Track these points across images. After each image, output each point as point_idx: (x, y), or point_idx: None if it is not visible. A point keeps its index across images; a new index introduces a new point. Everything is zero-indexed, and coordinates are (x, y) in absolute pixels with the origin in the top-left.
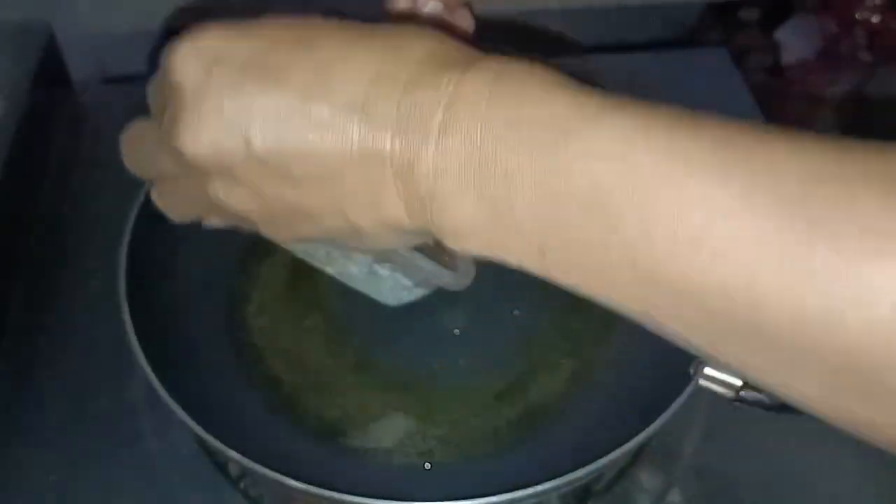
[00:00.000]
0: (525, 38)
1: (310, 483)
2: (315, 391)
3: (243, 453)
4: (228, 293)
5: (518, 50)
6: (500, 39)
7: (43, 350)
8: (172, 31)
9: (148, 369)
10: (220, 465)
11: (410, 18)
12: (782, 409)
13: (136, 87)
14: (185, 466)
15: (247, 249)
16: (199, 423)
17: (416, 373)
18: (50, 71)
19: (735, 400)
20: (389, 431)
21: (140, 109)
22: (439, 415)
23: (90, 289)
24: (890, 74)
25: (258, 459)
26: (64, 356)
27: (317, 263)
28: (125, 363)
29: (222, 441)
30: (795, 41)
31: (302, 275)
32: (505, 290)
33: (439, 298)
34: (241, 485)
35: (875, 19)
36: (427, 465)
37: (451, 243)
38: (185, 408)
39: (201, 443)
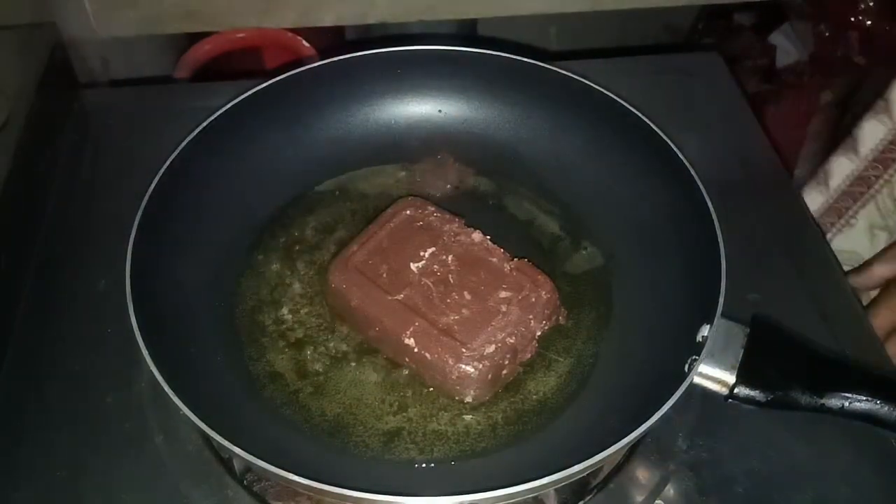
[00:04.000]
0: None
1: (311, 478)
2: (315, 387)
3: (247, 449)
4: (231, 292)
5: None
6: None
7: (50, 349)
8: None
9: (154, 368)
10: (225, 461)
11: None
12: (773, 406)
13: (141, 90)
14: (190, 463)
15: (249, 249)
16: (204, 420)
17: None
18: (57, 73)
19: (728, 397)
20: (389, 427)
21: (144, 112)
22: (438, 411)
23: (97, 288)
24: (883, 78)
25: (261, 455)
26: (71, 355)
27: None
28: (131, 362)
29: (227, 438)
30: (789, 45)
31: (301, 273)
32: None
33: None
34: (245, 481)
35: (868, 23)
36: (426, 461)
37: None
38: (190, 406)
39: (206, 439)
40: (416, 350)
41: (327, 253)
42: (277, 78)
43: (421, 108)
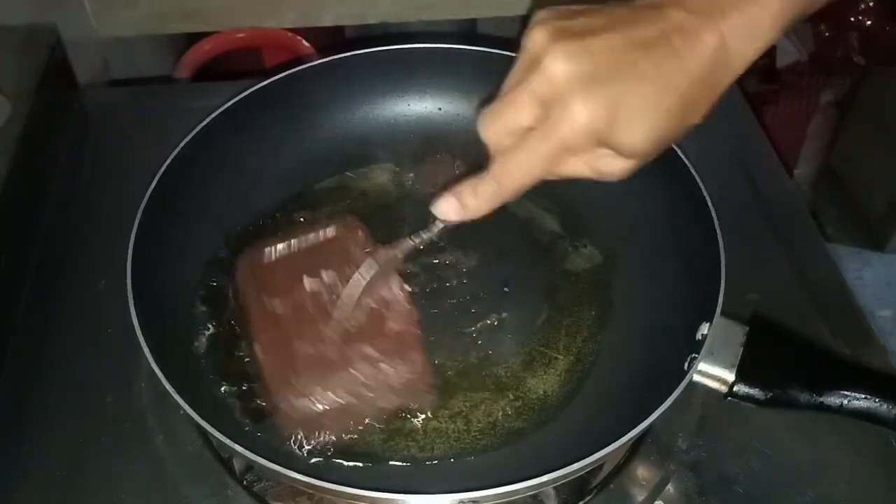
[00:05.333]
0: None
1: (312, 476)
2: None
3: (249, 448)
4: (232, 289)
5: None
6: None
7: (51, 349)
8: None
9: (156, 367)
10: (225, 461)
11: None
12: (772, 404)
13: (141, 90)
14: (190, 463)
15: (248, 249)
16: (206, 419)
17: None
18: (56, 73)
19: (727, 395)
20: (389, 425)
21: (144, 112)
22: (437, 409)
23: (97, 288)
24: (883, 77)
25: (262, 454)
26: (71, 355)
27: None
28: (132, 362)
29: (228, 436)
30: (789, 44)
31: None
32: (502, 289)
33: None
34: (245, 481)
35: (868, 23)
36: (426, 458)
37: None
38: (192, 404)
39: (206, 439)
40: (259, 359)
41: None
42: (278, 76)
43: (421, 107)
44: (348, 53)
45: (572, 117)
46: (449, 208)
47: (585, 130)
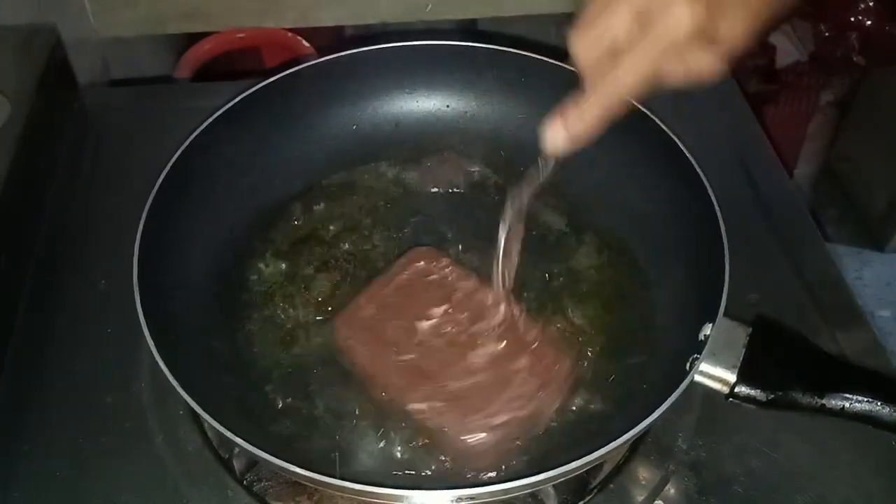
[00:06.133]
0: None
1: (314, 472)
2: (316, 385)
3: (256, 445)
4: (237, 287)
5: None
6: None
7: (51, 349)
8: None
9: (162, 364)
10: (225, 461)
11: None
12: (774, 405)
13: (141, 90)
14: (190, 463)
15: (256, 243)
16: (213, 415)
17: None
18: (56, 73)
19: (729, 396)
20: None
21: (144, 112)
22: None
23: (97, 288)
24: (883, 77)
25: (270, 451)
26: (72, 356)
27: None
28: (132, 362)
29: (234, 433)
30: (789, 44)
31: (308, 269)
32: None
33: None
34: (245, 481)
35: (868, 23)
36: (426, 457)
37: None
38: (196, 399)
39: (206, 439)
40: (421, 417)
41: (335, 248)
42: (287, 72)
43: (429, 104)
44: (356, 50)
45: (677, 19)
46: (558, 136)
47: (690, 29)
